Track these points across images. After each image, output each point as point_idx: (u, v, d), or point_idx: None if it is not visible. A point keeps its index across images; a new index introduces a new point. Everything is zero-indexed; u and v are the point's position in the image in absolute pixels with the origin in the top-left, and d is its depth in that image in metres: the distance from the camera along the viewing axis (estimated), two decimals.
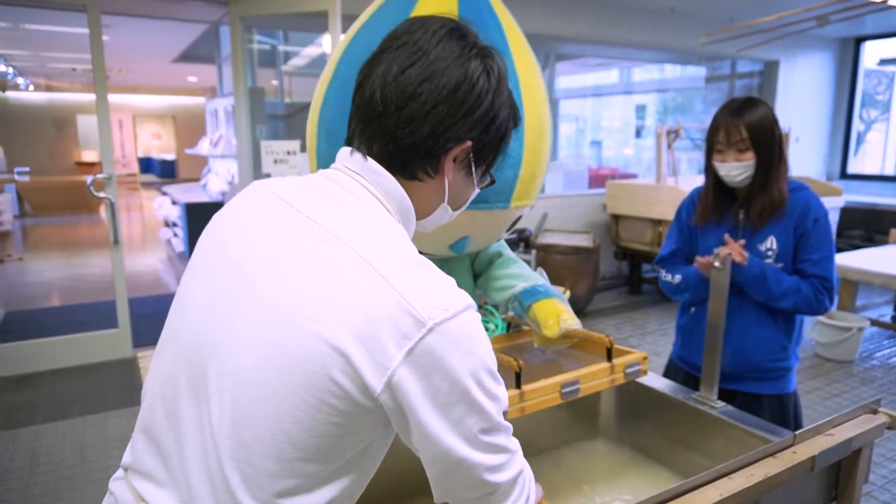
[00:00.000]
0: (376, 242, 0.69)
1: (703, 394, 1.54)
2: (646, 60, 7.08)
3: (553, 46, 6.20)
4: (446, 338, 0.64)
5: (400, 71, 0.72)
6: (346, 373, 0.64)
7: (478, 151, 0.78)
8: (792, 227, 1.67)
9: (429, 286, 0.67)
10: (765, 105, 1.65)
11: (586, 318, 4.92)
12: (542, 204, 5.47)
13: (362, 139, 0.75)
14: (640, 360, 1.27)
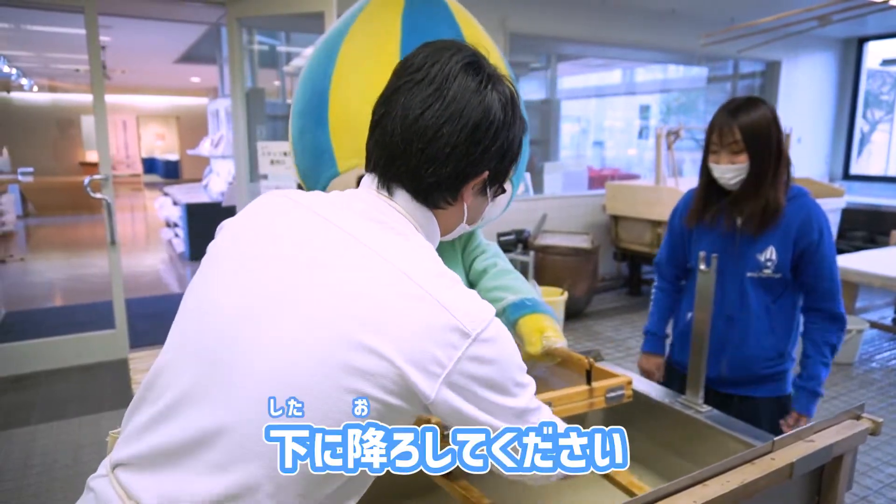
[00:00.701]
0: (417, 261, 0.74)
1: (688, 398, 1.53)
2: (647, 61, 7.06)
3: (554, 47, 6.18)
4: (487, 343, 0.71)
5: (420, 112, 0.75)
6: (396, 382, 0.69)
7: (494, 177, 0.82)
8: (792, 237, 1.62)
9: (467, 300, 0.73)
10: (765, 106, 1.60)
11: (586, 320, 4.90)
12: (542, 205, 5.46)
13: (387, 175, 0.79)
14: (623, 384, 1.21)
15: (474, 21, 1.37)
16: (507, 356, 0.74)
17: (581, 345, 4.35)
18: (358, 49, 1.24)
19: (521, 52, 6.06)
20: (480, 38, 1.30)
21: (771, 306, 1.67)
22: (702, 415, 1.46)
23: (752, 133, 1.56)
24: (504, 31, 5.00)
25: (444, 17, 1.28)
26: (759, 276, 1.65)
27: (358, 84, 1.21)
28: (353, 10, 1.34)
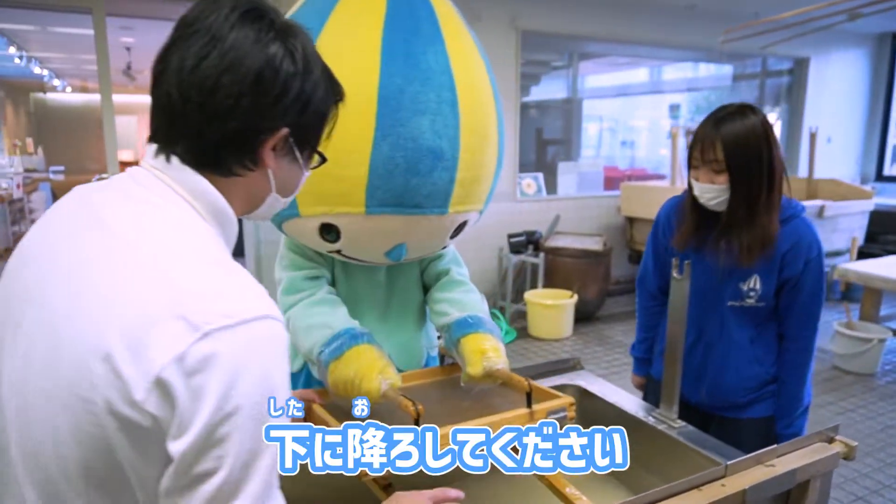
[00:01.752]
0: (168, 243, 0.65)
1: (662, 412, 1.45)
2: (669, 59, 6.88)
3: (575, 46, 6.07)
4: (224, 346, 0.59)
5: (196, 63, 0.66)
6: (110, 381, 0.59)
7: (298, 136, 0.74)
8: (777, 264, 1.46)
9: (216, 289, 0.62)
10: (756, 117, 1.39)
11: (597, 323, 4.80)
12: (555, 206, 5.36)
13: (167, 138, 0.70)
14: (565, 405, 1.15)
15: (464, 34, 1.24)
16: (253, 373, 0.60)
17: (590, 349, 4.25)
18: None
19: (542, 51, 5.97)
20: (462, 46, 1.19)
21: (755, 336, 1.54)
22: (674, 430, 1.39)
23: (736, 149, 1.37)
24: (515, 29, 4.92)
25: (426, 17, 1.16)
26: (740, 305, 1.52)
27: None
28: (318, 10, 1.16)
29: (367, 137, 1.07)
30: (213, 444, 0.59)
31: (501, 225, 5.05)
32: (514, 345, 4.35)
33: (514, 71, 4.99)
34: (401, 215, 1.14)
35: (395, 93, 1.07)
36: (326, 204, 1.14)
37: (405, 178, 1.09)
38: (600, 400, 1.57)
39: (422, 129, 1.08)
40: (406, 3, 1.15)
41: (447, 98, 1.11)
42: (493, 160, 1.27)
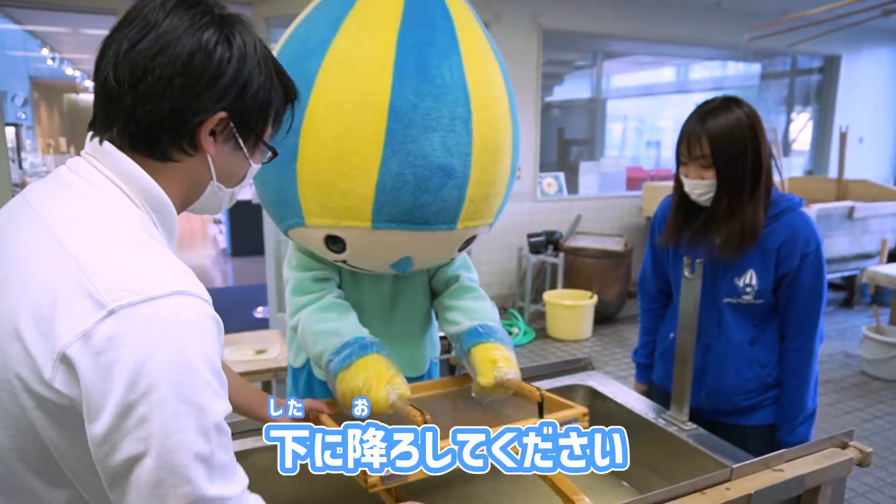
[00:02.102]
0: (83, 225, 0.65)
1: (673, 414, 1.42)
2: (694, 57, 6.78)
3: (598, 45, 6.01)
4: (132, 324, 0.58)
5: (130, 47, 0.67)
6: (21, 358, 0.60)
7: (239, 122, 0.73)
8: (772, 259, 1.42)
9: (125, 267, 0.62)
10: (741, 110, 1.37)
11: (617, 325, 4.74)
12: (576, 206, 5.31)
13: (102, 123, 0.71)
14: (578, 416, 1.12)
15: (482, 44, 1.18)
16: (167, 348, 0.59)
17: (609, 350, 4.21)
18: (339, 86, 1.06)
19: (565, 50, 5.92)
20: (478, 57, 1.14)
21: (755, 336, 1.50)
22: (685, 433, 1.36)
23: (722, 144, 1.35)
24: (537, 28, 4.89)
25: (443, 27, 1.11)
26: (737, 302, 1.48)
27: (334, 139, 1.05)
28: (332, 17, 1.12)
29: (375, 153, 1.03)
30: (133, 425, 0.58)
31: (521, 225, 5.03)
32: (533, 345, 4.32)
33: (535, 71, 4.96)
34: (408, 231, 1.12)
35: (406, 108, 1.03)
36: (332, 217, 1.11)
37: (414, 195, 1.06)
38: (611, 401, 1.54)
39: (433, 147, 1.04)
40: (422, 12, 1.09)
41: (461, 114, 1.06)
42: (506, 175, 1.22)
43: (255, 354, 2.26)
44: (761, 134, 1.39)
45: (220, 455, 0.63)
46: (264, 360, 2.22)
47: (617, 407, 1.52)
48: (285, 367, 2.19)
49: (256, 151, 0.80)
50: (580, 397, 1.63)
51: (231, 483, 0.65)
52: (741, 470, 0.95)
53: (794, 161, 7.07)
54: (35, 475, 0.65)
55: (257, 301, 5.24)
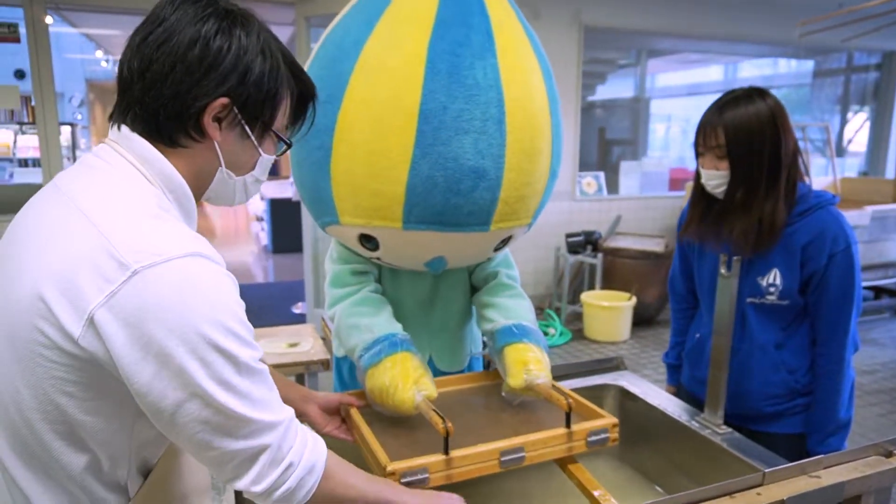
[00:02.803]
0: (104, 197, 0.70)
1: (707, 417, 1.37)
2: (743, 55, 6.57)
3: (643, 42, 5.90)
4: (155, 283, 0.63)
5: (142, 40, 0.73)
6: (47, 318, 0.64)
7: (243, 109, 0.76)
8: (797, 259, 1.35)
9: (144, 232, 0.66)
10: (763, 102, 1.32)
11: (656, 327, 4.63)
12: (616, 206, 5.22)
13: (119, 111, 0.76)
14: (607, 426, 1.09)
15: (522, 46, 1.14)
16: (190, 305, 0.64)
17: (647, 353, 4.11)
18: (371, 88, 1.05)
19: (608, 48, 5.83)
20: (516, 60, 1.11)
21: (782, 340, 1.42)
22: (719, 436, 1.31)
23: (737, 135, 1.31)
24: (578, 25, 4.82)
25: (480, 26, 1.08)
26: (761, 302, 1.41)
27: (365, 141, 1.05)
28: (366, 18, 1.11)
29: (405, 155, 1.03)
30: (171, 376, 0.64)
31: (560, 224, 4.96)
32: (569, 346, 4.26)
33: (576, 69, 4.89)
34: (439, 232, 1.10)
35: (437, 110, 1.01)
36: (364, 216, 1.11)
37: (445, 196, 1.05)
38: (642, 402, 1.50)
39: (464, 149, 1.03)
40: (457, 10, 1.07)
41: (494, 115, 1.04)
42: (544, 175, 1.19)
43: (288, 348, 2.28)
44: (784, 127, 1.33)
45: (258, 391, 0.70)
46: (297, 354, 2.24)
47: (648, 408, 1.48)
48: (317, 360, 2.20)
49: (266, 141, 0.82)
50: (611, 397, 1.59)
51: (275, 412, 0.72)
52: (774, 475, 0.91)
53: (849, 162, 6.78)
54: (56, 436, 0.68)
55: (296, 297, 5.32)
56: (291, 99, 0.82)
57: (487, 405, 1.27)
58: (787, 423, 1.44)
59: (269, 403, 0.71)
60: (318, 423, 1.15)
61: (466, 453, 0.99)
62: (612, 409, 1.59)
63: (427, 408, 1.05)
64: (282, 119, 0.82)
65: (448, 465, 0.99)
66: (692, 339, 1.61)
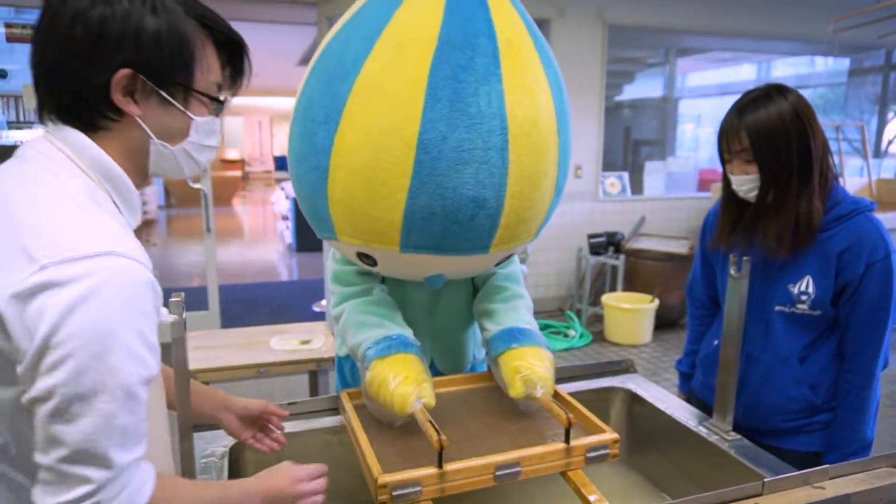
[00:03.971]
0: (30, 191, 0.69)
1: (715, 422, 1.33)
2: (776, 53, 6.41)
3: (671, 41, 5.80)
4: (60, 279, 0.61)
5: (36, 32, 0.73)
6: None
7: (152, 75, 0.73)
8: (832, 267, 1.29)
9: (63, 228, 0.65)
10: (784, 100, 1.26)
11: (679, 331, 4.54)
12: (640, 206, 5.13)
13: (40, 104, 0.76)
14: (607, 443, 1.05)
15: (531, 65, 1.07)
16: (93, 306, 0.61)
17: (669, 357, 4.03)
18: (369, 114, 1.00)
19: (636, 47, 5.75)
20: (521, 79, 1.04)
21: (807, 350, 1.35)
22: (727, 443, 1.27)
23: (761, 137, 1.26)
24: (602, 23, 4.75)
25: (484, 47, 1.02)
26: (790, 311, 1.34)
27: (363, 167, 1.01)
28: (366, 33, 1.04)
29: (402, 185, 0.99)
30: (45, 370, 0.62)
31: (582, 225, 4.90)
32: (589, 349, 4.20)
33: (600, 68, 4.82)
34: (438, 255, 1.08)
35: (436, 140, 0.96)
36: (361, 238, 1.08)
37: (443, 225, 1.01)
38: (650, 406, 1.46)
39: (464, 179, 0.98)
40: (462, 30, 1.00)
41: (496, 144, 0.99)
42: (548, 197, 1.14)
43: (300, 344, 2.29)
44: (811, 122, 1.27)
45: (124, 418, 0.65)
46: (308, 350, 2.25)
47: (656, 413, 1.44)
48: (328, 357, 2.21)
49: (194, 103, 0.79)
50: (619, 400, 1.56)
51: (123, 449, 0.66)
52: (775, 484, 0.87)
53: (887, 163, 6.56)
54: None
55: (318, 295, 5.36)
56: (218, 52, 0.80)
57: (488, 409, 1.24)
58: (802, 440, 1.37)
59: (126, 434, 0.66)
60: (234, 432, 1.12)
61: (460, 467, 0.97)
62: (619, 413, 1.55)
63: (423, 418, 1.03)
64: (206, 76, 0.79)
65: (441, 479, 0.97)
66: (709, 345, 1.55)
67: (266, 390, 3.38)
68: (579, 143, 4.83)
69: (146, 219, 9.27)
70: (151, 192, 9.51)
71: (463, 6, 1.00)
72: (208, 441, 1.24)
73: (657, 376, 3.72)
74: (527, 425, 1.18)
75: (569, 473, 1.08)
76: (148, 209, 9.25)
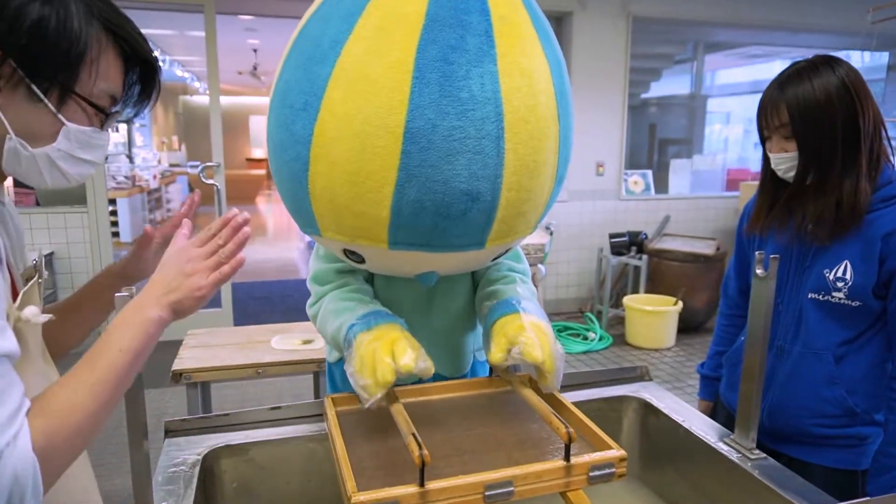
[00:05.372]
0: None
1: (737, 438, 1.20)
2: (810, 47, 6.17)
3: (700, 34, 5.62)
4: None
5: None
6: None
7: (25, 64, 0.67)
8: (876, 251, 1.16)
9: None
10: (832, 72, 1.16)
11: (705, 335, 4.36)
12: (665, 206, 4.96)
13: None
14: (614, 461, 0.94)
15: (530, 50, 0.98)
16: None
17: (692, 362, 3.87)
18: (351, 102, 0.91)
19: (663, 43, 5.58)
20: (519, 67, 0.95)
21: (845, 349, 1.22)
22: (750, 462, 1.14)
23: (803, 111, 1.16)
24: (626, 15, 4.60)
25: (477, 25, 0.93)
26: (825, 299, 1.22)
27: (346, 160, 0.93)
28: (347, 11, 0.96)
29: (388, 178, 0.90)
30: None
31: (604, 224, 4.76)
32: (609, 352, 4.06)
33: (624, 63, 4.68)
34: (429, 252, 1.00)
35: (425, 129, 0.88)
36: (347, 235, 1.01)
37: (433, 220, 0.94)
38: (665, 417, 1.34)
39: (455, 171, 0.90)
40: (451, 5, 0.91)
41: (490, 132, 0.91)
42: (548, 187, 1.06)
43: (302, 344, 2.22)
44: (863, 97, 1.15)
45: None
46: (310, 350, 2.17)
47: (672, 425, 1.31)
48: None
49: (71, 107, 0.72)
50: (632, 411, 1.43)
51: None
52: None
53: None
54: None
55: None
56: (125, 63, 0.74)
57: (485, 420, 1.14)
58: (835, 455, 1.23)
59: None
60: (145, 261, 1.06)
61: (445, 486, 0.87)
62: (632, 424, 1.43)
63: (407, 430, 0.93)
64: (94, 83, 0.72)
65: (423, 499, 0.86)
66: (738, 341, 1.43)
67: (272, 390, 3.32)
68: (601, 140, 4.69)
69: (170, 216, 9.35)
70: (175, 189, 9.60)
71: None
72: (180, 447, 1.16)
73: (680, 382, 3.57)
74: (525, 439, 1.07)
75: (569, 494, 0.97)
76: (172, 206, 9.34)
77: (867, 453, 1.24)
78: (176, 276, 0.76)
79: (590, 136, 4.65)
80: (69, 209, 4.01)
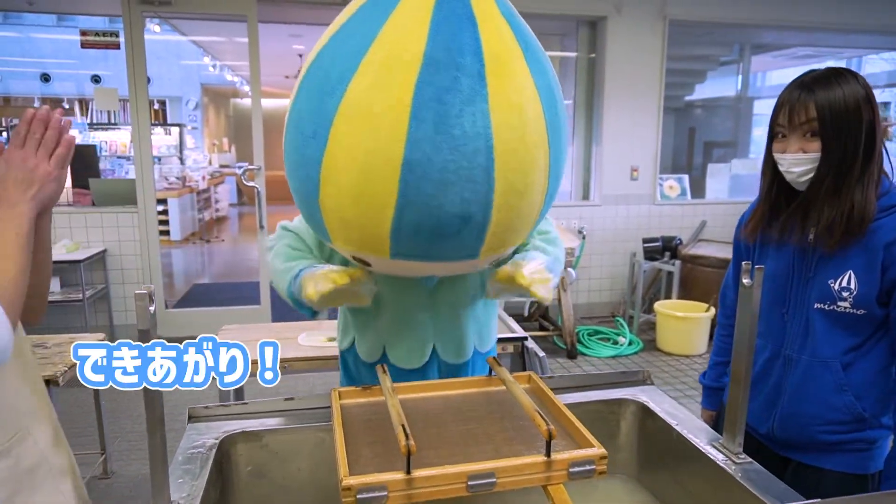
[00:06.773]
0: None
1: (725, 441, 1.23)
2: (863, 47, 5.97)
3: (746, 36, 5.52)
4: None
5: None
6: None
7: None
8: (878, 260, 1.18)
9: None
10: (855, 81, 1.18)
11: None
12: (701, 210, 4.90)
13: None
14: (594, 458, 0.99)
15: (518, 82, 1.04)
16: None
17: None
18: (355, 134, 0.99)
19: (707, 44, 5.51)
20: (507, 97, 1.02)
21: (852, 356, 1.24)
22: (736, 466, 1.17)
23: (833, 111, 1.16)
24: (663, 18, 4.57)
25: (470, 56, 0.99)
26: (831, 309, 1.24)
27: (351, 185, 1.02)
28: (354, 49, 1.01)
29: (389, 202, 1.01)
30: None
31: (638, 229, 4.74)
32: (639, 357, 4.05)
33: (659, 67, 4.64)
34: (424, 262, 1.11)
35: (421, 161, 0.97)
36: (354, 246, 1.13)
37: (430, 238, 1.04)
38: (661, 421, 1.38)
39: (449, 198, 1.00)
40: (447, 48, 0.98)
41: (481, 163, 0.99)
42: (538, 203, 1.13)
43: (327, 341, 2.33)
44: (876, 110, 1.19)
45: None
46: (333, 347, 2.27)
47: (666, 428, 1.35)
48: None
49: None
50: (630, 413, 1.48)
51: None
52: None
53: None
54: None
55: None
56: None
57: (479, 417, 1.20)
58: (847, 460, 1.25)
59: None
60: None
61: (430, 474, 0.94)
62: (630, 427, 1.47)
63: (397, 421, 1.01)
64: None
65: (409, 485, 0.94)
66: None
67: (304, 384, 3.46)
68: (636, 144, 4.67)
69: (218, 216, 9.71)
70: (224, 190, 9.95)
71: (450, 22, 0.98)
72: (200, 432, 1.27)
73: None
74: (514, 435, 1.13)
75: (549, 489, 1.03)
76: (220, 206, 9.69)
77: (875, 457, 1.26)
78: (25, 176, 0.82)
79: (624, 140, 4.64)
80: (121, 209, 4.25)
